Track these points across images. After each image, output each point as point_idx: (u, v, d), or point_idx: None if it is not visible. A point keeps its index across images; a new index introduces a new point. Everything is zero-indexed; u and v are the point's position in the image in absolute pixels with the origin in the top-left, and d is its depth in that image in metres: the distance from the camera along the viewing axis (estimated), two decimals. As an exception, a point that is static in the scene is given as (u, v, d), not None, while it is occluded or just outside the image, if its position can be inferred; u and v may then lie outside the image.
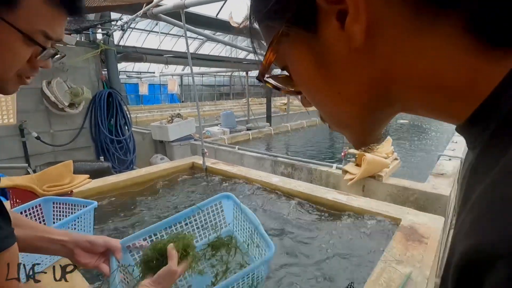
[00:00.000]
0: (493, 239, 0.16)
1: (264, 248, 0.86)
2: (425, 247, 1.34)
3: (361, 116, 0.29)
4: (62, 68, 3.24)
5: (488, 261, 0.15)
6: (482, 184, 0.19)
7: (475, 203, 0.19)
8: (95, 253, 0.78)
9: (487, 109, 0.21)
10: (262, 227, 0.88)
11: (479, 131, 0.23)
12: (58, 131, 3.37)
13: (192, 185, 2.50)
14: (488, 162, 0.20)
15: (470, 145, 0.25)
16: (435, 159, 3.30)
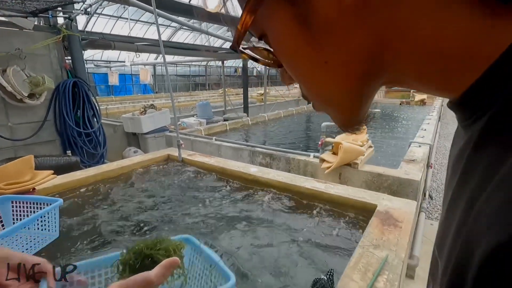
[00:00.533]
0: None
1: (222, 282, 0.79)
2: (399, 230, 1.38)
3: (349, 89, 0.25)
4: (19, 55, 2.95)
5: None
6: (506, 164, 0.16)
7: (499, 186, 0.16)
8: (23, 275, 0.66)
9: (494, 78, 0.19)
10: (222, 262, 0.81)
11: (480, 104, 0.20)
12: (17, 124, 3.10)
13: (167, 178, 2.41)
14: (501, 139, 0.18)
15: (466, 121, 0.23)
16: (406, 146, 3.44)
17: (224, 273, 0.79)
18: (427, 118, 5.35)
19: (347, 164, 2.51)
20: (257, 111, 8.04)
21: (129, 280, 0.53)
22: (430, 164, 3.47)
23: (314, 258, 1.37)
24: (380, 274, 1.07)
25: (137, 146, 4.80)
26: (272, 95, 12.80)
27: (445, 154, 6.02)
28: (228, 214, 1.78)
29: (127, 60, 9.45)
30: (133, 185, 2.22)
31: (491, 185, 0.17)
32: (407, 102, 9.71)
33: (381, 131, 5.46)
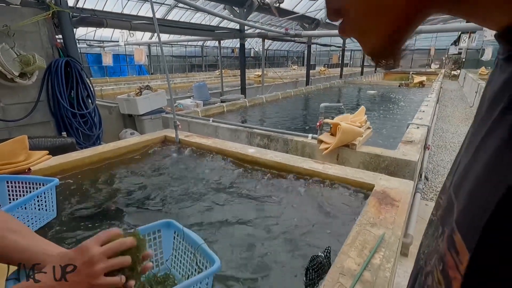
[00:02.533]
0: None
1: (208, 266, 0.78)
2: (396, 209, 1.39)
3: (401, 10, 0.24)
4: (7, 32, 2.84)
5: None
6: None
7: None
8: None
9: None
10: (206, 245, 0.80)
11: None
12: (9, 105, 3.03)
13: (164, 159, 2.40)
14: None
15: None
16: (404, 127, 3.43)
17: (208, 256, 0.78)
18: (426, 100, 5.32)
19: (345, 145, 2.50)
20: (255, 93, 7.94)
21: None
22: (427, 146, 3.48)
23: (311, 237, 1.39)
24: (377, 251, 1.09)
25: (134, 128, 4.76)
26: (270, 77, 12.62)
27: (442, 136, 6.04)
28: (225, 193, 1.78)
29: (121, 39, 9.17)
30: (129, 166, 2.20)
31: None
32: (406, 84, 9.62)
33: (380, 113, 5.44)
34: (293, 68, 20.56)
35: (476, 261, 0.19)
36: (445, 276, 0.22)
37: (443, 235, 0.24)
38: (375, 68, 19.68)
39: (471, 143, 0.25)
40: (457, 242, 0.21)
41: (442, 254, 0.23)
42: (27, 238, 0.69)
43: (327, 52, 28.37)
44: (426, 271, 0.27)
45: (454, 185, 0.25)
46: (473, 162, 0.22)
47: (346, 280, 0.94)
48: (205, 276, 0.70)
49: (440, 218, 0.27)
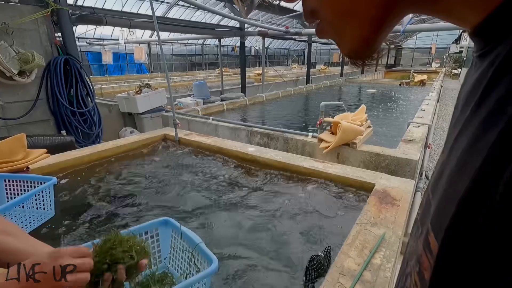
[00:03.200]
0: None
1: (206, 267, 0.78)
2: (397, 209, 1.38)
3: (377, 3, 0.24)
4: (6, 30, 2.82)
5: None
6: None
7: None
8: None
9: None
10: (204, 244, 0.79)
11: (507, 26, 0.19)
12: (8, 103, 3.02)
13: (163, 158, 2.39)
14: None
15: (488, 47, 0.21)
16: (404, 126, 3.41)
17: (206, 256, 0.77)
18: (426, 99, 5.30)
19: (345, 144, 2.49)
20: (255, 91, 7.91)
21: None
22: (428, 145, 3.46)
23: (312, 236, 1.38)
24: (377, 251, 1.08)
25: (133, 126, 4.74)
26: (270, 75, 12.58)
27: (443, 135, 6.02)
28: (224, 191, 1.77)
29: (121, 38, 9.14)
30: (129, 165, 2.20)
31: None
32: (406, 83, 9.59)
33: (380, 112, 5.42)
34: (294, 67, 20.51)
35: (442, 260, 0.19)
36: (421, 278, 0.22)
37: (421, 236, 0.24)
38: (375, 67, 19.64)
39: (447, 143, 0.25)
40: (431, 242, 0.20)
41: (418, 255, 0.23)
42: (20, 240, 0.68)
43: (328, 51, 28.31)
44: (406, 272, 0.27)
45: (431, 185, 0.25)
46: (447, 161, 0.22)
47: (346, 280, 0.93)
48: (203, 277, 0.70)
49: (420, 218, 0.27)
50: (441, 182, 0.22)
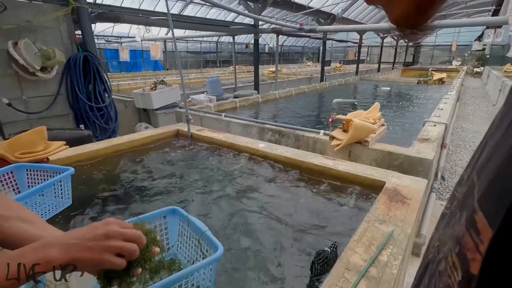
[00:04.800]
0: None
1: (212, 253, 0.80)
2: (407, 207, 1.36)
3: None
4: (30, 28, 2.95)
5: None
6: None
7: None
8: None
9: None
10: (210, 232, 0.82)
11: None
12: (31, 98, 3.16)
13: (175, 152, 2.44)
14: None
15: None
16: (418, 125, 3.33)
17: (212, 243, 0.80)
18: (445, 98, 5.14)
19: (357, 142, 2.46)
20: (268, 89, 7.91)
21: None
22: (444, 144, 3.37)
23: (318, 232, 1.38)
24: (385, 248, 1.07)
25: (148, 122, 4.85)
26: (284, 73, 12.52)
27: (462, 135, 5.83)
28: (234, 186, 1.80)
29: (138, 35, 9.33)
30: (142, 158, 2.26)
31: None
32: (424, 81, 9.31)
33: (395, 110, 5.30)
34: (308, 65, 20.30)
35: (501, 237, 0.18)
36: (461, 259, 0.21)
37: (461, 218, 0.23)
38: (392, 65, 19.14)
39: (501, 125, 0.24)
40: (479, 221, 0.20)
41: (459, 236, 0.22)
42: (38, 227, 0.72)
43: (343, 49, 27.86)
44: (438, 258, 0.26)
45: (477, 168, 0.25)
46: (504, 140, 0.22)
47: (351, 276, 0.93)
48: (209, 262, 0.72)
49: (456, 206, 0.27)
50: (492, 163, 0.22)
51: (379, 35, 14.66)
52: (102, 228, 0.48)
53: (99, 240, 0.47)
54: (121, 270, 0.64)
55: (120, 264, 0.50)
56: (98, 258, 0.48)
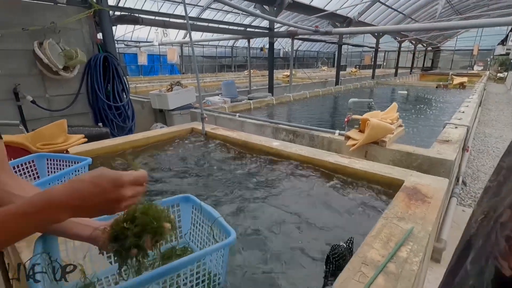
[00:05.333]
0: None
1: (223, 238, 0.80)
2: (428, 205, 1.30)
3: None
4: (54, 29, 3.08)
5: None
6: None
7: None
8: None
9: None
10: (222, 219, 0.81)
11: None
12: (54, 96, 3.29)
13: (190, 149, 2.46)
14: None
15: None
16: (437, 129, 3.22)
17: (225, 229, 0.79)
18: (466, 101, 4.96)
19: (374, 142, 2.40)
20: (282, 92, 7.89)
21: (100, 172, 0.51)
22: (466, 147, 3.23)
23: (333, 229, 1.35)
24: (404, 245, 1.02)
25: (164, 122, 4.93)
26: (298, 77, 12.49)
27: (484, 140, 5.59)
28: (247, 181, 1.78)
29: (155, 39, 9.58)
30: (157, 153, 2.29)
31: None
32: (444, 85, 9.02)
33: (413, 113, 5.15)
34: (323, 69, 20.17)
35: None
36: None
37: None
38: (410, 70, 18.74)
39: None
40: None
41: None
42: None
43: (359, 53, 27.52)
44: (496, 215, 0.27)
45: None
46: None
47: (368, 270, 0.90)
48: (221, 246, 0.71)
49: (505, 174, 0.28)
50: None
51: (396, 39, 14.40)
52: (114, 194, 0.47)
53: (109, 204, 0.47)
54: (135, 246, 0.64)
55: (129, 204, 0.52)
56: (106, 213, 0.49)
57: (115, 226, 0.69)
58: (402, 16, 13.09)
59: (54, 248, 0.76)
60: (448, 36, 22.67)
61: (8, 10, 2.83)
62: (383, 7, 11.39)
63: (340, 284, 0.84)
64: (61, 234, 0.73)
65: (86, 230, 0.72)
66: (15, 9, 2.88)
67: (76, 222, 0.73)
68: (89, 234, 0.71)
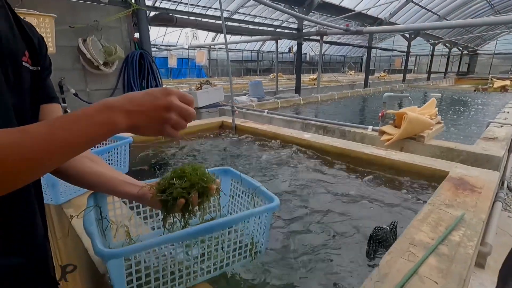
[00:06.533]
0: None
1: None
2: (478, 195, 1.21)
3: None
4: (96, 27, 3.27)
5: None
6: None
7: None
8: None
9: None
10: (263, 187, 0.80)
11: None
12: (93, 90, 3.48)
13: (221, 140, 2.49)
14: None
15: None
16: (476, 129, 3.00)
17: (267, 196, 0.77)
18: (510, 103, 4.61)
19: (411, 138, 2.28)
20: (309, 94, 7.81)
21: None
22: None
23: (370, 218, 1.29)
24: (455, 230, 0.95)
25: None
26: (325, 80, 12.31)
27: (531, 146, 5.14)
28: (281, 170, 1.77)
29: (186, 43, 9.92)
30: (190, 142, 2.34)
31: None
32: (483, 88, 8.48)
33: (450, 114, 4.86)
34: (350, 74, 19.74)
35: None
36: None
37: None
38: (444, 74, 17.79)
39: None
40: None
41: None
42: (100, 166, 0.77)
43: (388, 58, 26.66)
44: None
45: None
46: None
47: (417, 251, 0.84)
48: (266, 209, 0.70)
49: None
50: None
51: (429, 41, 13.79)
52: (164, 100, 0.48)
53: (160, 111, 0.47)
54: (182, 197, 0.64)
55: (174, 135, 0.51)
56: (157, 128, 0.49)
57: (163, 181, 0.70)
58: (437, 18, 12.52)
59: (104, 206, 0.79)
60: (487, 38, 21.36)
61: (57, 9, 3.05)
62: (416, 8, 10.96)
63: (386, 262, 0.79)
64: (111, 192, 0.76)
65: (133, 188, 0.74)
66: (63, 8, 3.10)
67: (124, 181, 0.75)
68: (137, 192, 0.73)
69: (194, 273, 0.69)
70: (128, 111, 0.45)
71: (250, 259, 0.79)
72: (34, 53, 0.66)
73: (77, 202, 1.13)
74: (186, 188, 0.66)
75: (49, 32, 2.42)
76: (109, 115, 0.44)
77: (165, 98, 0.48)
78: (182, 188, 0.65)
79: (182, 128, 0.52)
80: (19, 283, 0.60)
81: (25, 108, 0.62)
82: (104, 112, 0.43)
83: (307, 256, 0.97)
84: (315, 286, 0.85)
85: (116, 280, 0.58)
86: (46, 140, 0.40)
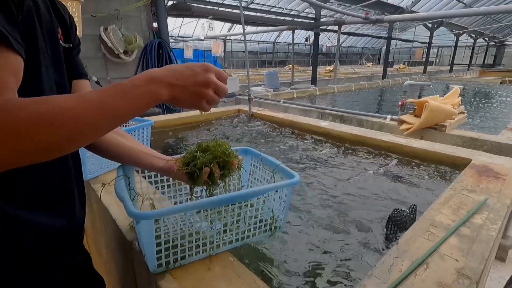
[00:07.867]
0: None
1: None
2: (502, 182, 1.18)
3: None
4: (117, 16, 3.34)
5: None
6: None
7: None
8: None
9: None
10: (284, 165, 0.81)
11: None
12: (114, 79, 3.57)
13: (238, 126, 2.51)
14: None
15: None
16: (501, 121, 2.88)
17: (287, 173, 0.78)
18: (540, 95, 4.37)
19: (431, 127, 2.23)
20: (325, 85, 7.69)
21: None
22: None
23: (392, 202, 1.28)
24: (477, 213, 0.94)
25: (208, 110, 5.10)
26: (342, 72, 12.07)
27: (560, 141, 4.87)
28: (299, 157, 1.77)
29: (201, 34, 9.95)
30: (207, 129, 2.38)
31: None
32: (510, 81, 8.07)
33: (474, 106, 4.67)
34: (368, 66, 19.24)
35: None
36: None
37: None
38: (468, 66, 17.02)
39: None
40: None
41: None
42: (128, 140, 0.81)
43: (408, 49, 25.75)
44: None
45: None
46: None
47: (437, 231, 0.84)
48: (286, 184, 0.72)
49: None
50: None
51: (453, 31, 13.19)
52: (203, 76, 0.50)
53: (199, 87, 0.50)
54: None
55: (207, 109, 0.54)
56: (194, 102, 0.51)
57: (188, 155, 0.73)
58: (462, 6, 11.94)
59: (132, 177, 0.83)
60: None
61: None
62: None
63: (406, 241, 0.80)
64: (139, 164, 0.80)
65: (160, 162, 0.77)
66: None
67: (151, 155, 0.78)
68: (163, 165, 0.77)
69: (217, 242, 0.72)
70: (170, 84, 0.48)
71: (270, 233, 0.81)
72: (66, 30, 0.69)
73: (103, 179, 1.19)
74: (209, 160, 0.69)
75: (76, 16, 2.50)
76: (154, 86, 0.46)
77: (204, 74, 0.50)
78: (205, 160, 0.68)
79: (215, 103, 0.54)
80: (60, 245, 0.65)
81: (64, 83, 0.66)
82: (151, 83, 0.46)
83: (326, 232, 0.99)
84: (334, 258, 0.87)
85: (146, 241, 0.61)
86: (99, 107, 0.43)
